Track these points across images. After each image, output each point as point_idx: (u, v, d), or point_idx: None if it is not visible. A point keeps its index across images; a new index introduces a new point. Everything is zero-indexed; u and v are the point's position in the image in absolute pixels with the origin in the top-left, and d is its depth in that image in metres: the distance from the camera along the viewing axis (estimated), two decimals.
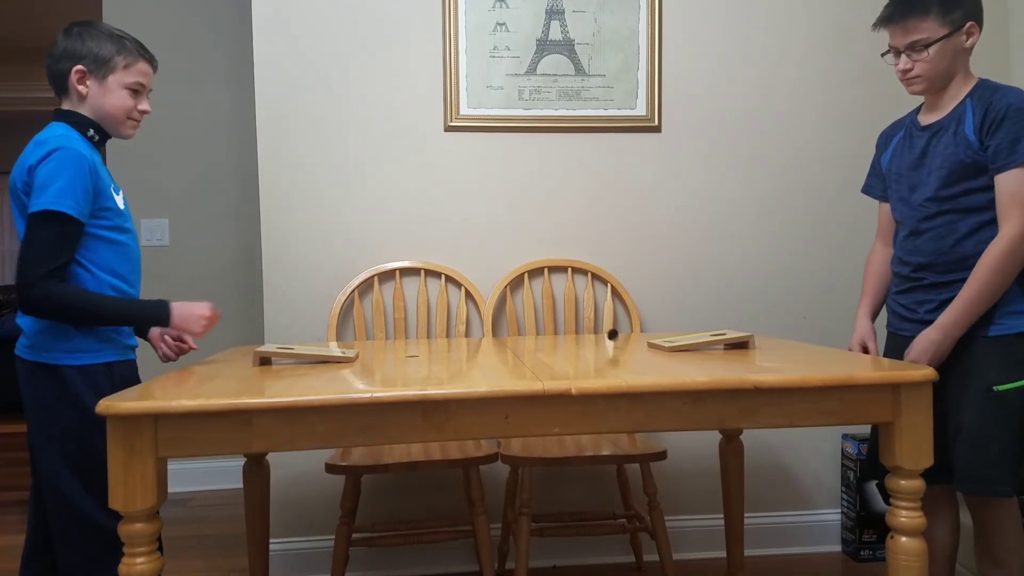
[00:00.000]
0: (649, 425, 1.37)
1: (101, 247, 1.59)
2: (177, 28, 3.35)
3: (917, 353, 1.65)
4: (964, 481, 1.65)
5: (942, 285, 1.70)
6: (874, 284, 1.93)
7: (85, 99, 1.61)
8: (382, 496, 2.44)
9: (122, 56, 1.62)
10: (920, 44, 1.65)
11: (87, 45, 1.60)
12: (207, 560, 2.61)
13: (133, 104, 1.65)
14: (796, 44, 2.54)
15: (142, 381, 1.57)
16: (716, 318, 2.55)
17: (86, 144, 1.59)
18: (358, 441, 1.30)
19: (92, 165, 1.55)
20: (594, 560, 2.50)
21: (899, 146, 1.82)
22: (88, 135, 1.62)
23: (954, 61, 1.67)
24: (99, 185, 1.57)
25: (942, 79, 1.69)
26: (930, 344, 1.63)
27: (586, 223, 2.50)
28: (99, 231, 1.58)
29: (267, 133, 2.37)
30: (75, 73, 1.59)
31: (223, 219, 3.41)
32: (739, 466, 2.16)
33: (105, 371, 1.59)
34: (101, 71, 1.61)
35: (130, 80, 1.64)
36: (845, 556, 2.55)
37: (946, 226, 1.68)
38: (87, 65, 1.60)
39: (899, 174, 1.80)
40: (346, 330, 2.41)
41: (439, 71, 2.42)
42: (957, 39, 1.65)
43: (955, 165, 1.65)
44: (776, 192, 2.56)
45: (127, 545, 1.25)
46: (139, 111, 1.67)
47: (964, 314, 1.61)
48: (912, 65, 1.68)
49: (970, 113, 1.65)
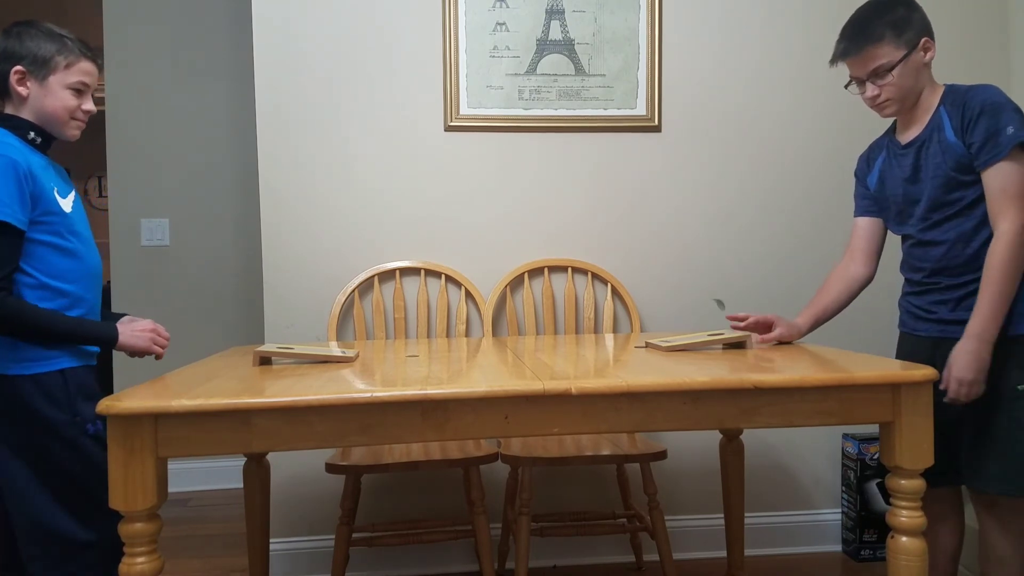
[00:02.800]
0: (649, 425, 1.37)
1: (46, 253, 1.53)
2: (177, 28, 3.34)
3: (960, 368, 1.61)
4: (991, 482, 1.64)
5: (958, 286, 1.70)
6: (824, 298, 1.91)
7: (26, 101, 1.57)
8: (382, 496, 2.44)
9: (63, 55, 1.58)
10: (882, 69, 1.67)
11: (26, 45, 1.56)
12: (207, 560, 2.61)
13: (77, 104, 1.60)
14: (795, 44, 2.54)
15: (115, 388, 1.55)
16: (716, 318, 2.55)
17: (24, 147, 1.54)
18: (358, 441, 1.30)
19: (27, 169, 1.48)
20: (594, 560, 2.50)
21: (885, 166, 1.82)
22: (29, 138, 1.57)
23: (918, 77, 1.69)
24: (36, 190, 1.50)
25: (911, 97, 1.71)
26: (967, 355, 1.60)
27: (586, 223, 2.50)
28: (41, 236, 1.52)
29: (267, 133, 2.37)
30: (15, 74, 1.55)
31: (223, 219, 3.41)
32: (739, 466, 2.16)
33: (59, 378, 1.53)
34: (41, 71, 1.56)
35: (72, 80, 1.59)
36: (845, 556, 2.55)
37: (953, 230, 1.69)
38: (26, 66, 1.55)
39: (895, 193, 1.80)
40: (346, 330, 2.41)
41: (439, 71, 2.42)
42: (915, 57, 1.67)
43: (947, 172, 1.66)
44: (776, 192, 2.56)
45: (127, 545, 1.25)
46: (83, 111, 1.62)
47: (990, 318, 1.60)
48: (879, 91, 1.70)
49: (946, 118, 1.66)
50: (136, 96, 3.32)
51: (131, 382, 1.54)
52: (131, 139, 3.32)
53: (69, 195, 1.62)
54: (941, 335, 1.73)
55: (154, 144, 3.35)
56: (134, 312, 1.83)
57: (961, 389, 1.60)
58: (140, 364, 1.69)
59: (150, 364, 1.75)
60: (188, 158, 3.38)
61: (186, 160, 3.38)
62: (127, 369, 3.21)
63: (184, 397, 1.24)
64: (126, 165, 3.33)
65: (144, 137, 3.33)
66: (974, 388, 1.60)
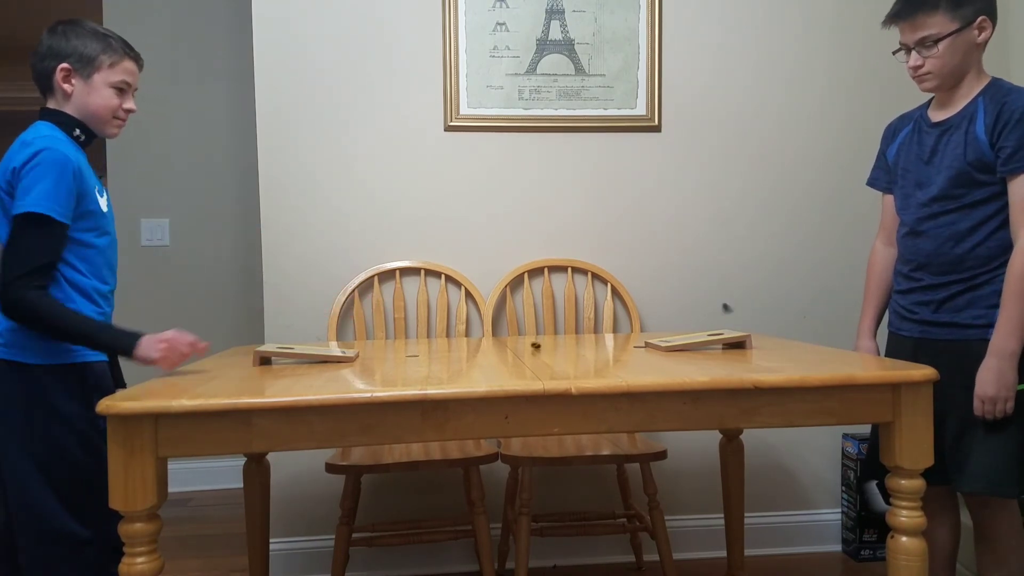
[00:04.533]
0: (649, 425, 1.37)
1: (82, 251, 1.57)
2: (177, 28, 3.34)
3: (982, 385, 1.59)
4: (971, 481, 1.64)
5: (939, 286, 1.69)
6: (876, 294, 1.90)
7: (70, 98, 1.60)
8: (382, 496, 2.44)
9: (107, 54, 1.61)
10: (929, 40, 1.62)
11: (72, 43, 1.58)
12: (207, 560, 2.61)
13: (119, 103, 1.64)
14: (795, 44, 2.54)
15: (127, 385, 1.55)
16: (716, 318, 2.55)
17: (72, 145, 1.58)
18: (358, 441, 1.30)
19: (77, 167, 1.53)
20: (594, 560, 2.50)
21: (906, 140, 1.79)
22: (74, 135, 1.60)
23: (966, 57, 1.64)
24: (83, 188, 1.55)
25: (954, 76, 1.66)
26: (988, 371, 1.59)
27: (586, 223, 2.50)
28: (78, 234, 1.56)
29: (267, 133, 2.37)
30: (60, 71, 1.58)
31: (223, 219, 3.41)
32: (739, 466, 2.16)
33: (80, 372, 1.56)
34: (86, 69, 1.59)
35: (116, 78, 1.62)
36: (845, 556, 2.55)
37: (947, 226, 1.67)
38: (72, 63, 1.58)
39: (906, 169, 1.77)
40: (346, 330, 2.41)
41: (439, 71, 2.42)
42: (968, 34, 1.62)
43: (964, 165, 1.63)
44: (776, 191, 2.56)
45: (127, 545, 1.25)
46: (124, 110, 1.66)
47: (1010, 332, 1.57)
48: (922, 62, 1.64)
49: (982, 112, 1.62)
50: (136, 96, 3.31)
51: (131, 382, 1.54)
52: (131, 139, 3.32)
53: (104, 194, 1.66)
54: (922, 336, 1.73)
55: (154, 144, 3.35)
56: (134, 312, 1.84)
57: (986, 406, 1.59)
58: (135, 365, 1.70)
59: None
60: (188, 158, 3.38)
61: (186, 160, 3.38)
62: (128, 368, 3.21)
63: (184, 397, 1.24)
64: (126, 165, 3.33)
65: (144, 137, 3.33)
66: (999, 405, 1.58)
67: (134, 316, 3.29)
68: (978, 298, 1.65)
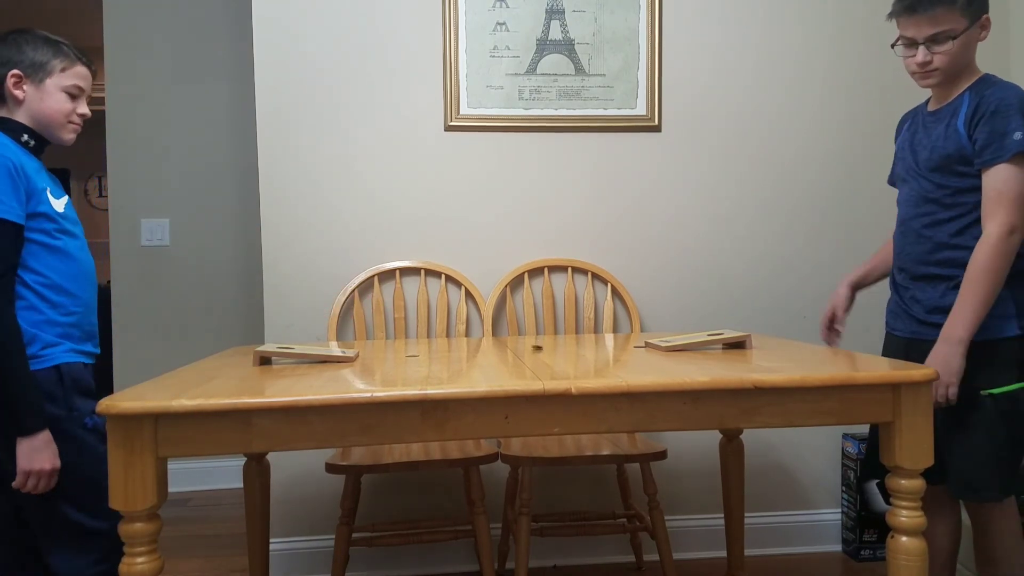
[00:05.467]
0: (649, 425, 1.37)
1: (39, 252, 1.55)
2: (177, 28, 3.34)
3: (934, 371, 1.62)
4: (954, 486, 1.67)
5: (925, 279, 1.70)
6: (876, 258, 1.93)
7: (22, 104, 1.59)
8: (382, 496, 2.44)
9: (59, 59, 1.61)
10: (943, 36, 1.61)
11: (23, 51, 1.59)
12: (207, 560, 2.61)
13: (72, 107, 1.64)
14: (796, 44, 2.54)
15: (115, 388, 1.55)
16: (716, 318, 2.55)
17: (17, 149, 1.56)
18: (358, 441, 1.30)
19: (19, 166, 1.50)
20: (594, 560, 2.50)
21: (907, 132, 1.83)
22: (22, 140, 1.59)
23: (969, 54, 1.65)
24: (29, 187, 1.52)
25: (957, 72, 1.66)
26: (937, 357, 1.60)
27: (586, 223, 2.50)
28: (34, 235, 1.53)
29: (267, 133, 2.37)
30: (11, 78, 1.58)
31: (223, 219, 3.41)
32: (739, 466, 2.16)
33: (54, 374, 1.54)
34: (38, 75, 1.59)
35: (68, 83, 1.62)
36: (845, 556, 2.55)
37: (928, 216, 1.69)
38: (23, 69, 1.58)
39: (899, 158, 1.82)
40: (346, 330, 2.41)
41: (439, 71, 2.42)
42: (974, 32, 1.63)
43: (943, 157, 1.65)
44: (776, 191, 2.56)
45: (127, 545, 1.25)
46: (78, 114, 1.65)
47: (965, 320, 1.58)
48: (931, 58, 1.63)
49: (965, 105, 1.64)
50: (136, 96, 3.32)
51: (131, 382, 1.54)
52: (131, 139, 3.32)
53: (62, 198, 1.64)
54: (913, 336, 1.74)
55: (154, 144, 3.35)
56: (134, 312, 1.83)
57: (936, 391, 1.60)
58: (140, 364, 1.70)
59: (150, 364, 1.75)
60: (188, 158, 3.38)
61: (186, 160, 3.38)
62: (127, 369, 3.22)
63: (184, 397, 1.24)
64: (126, 165, 3.33)
65: (144, 137, 3.33)
66: (941, 390, 1.59)
67: (134, 316, 3.29)
68: None
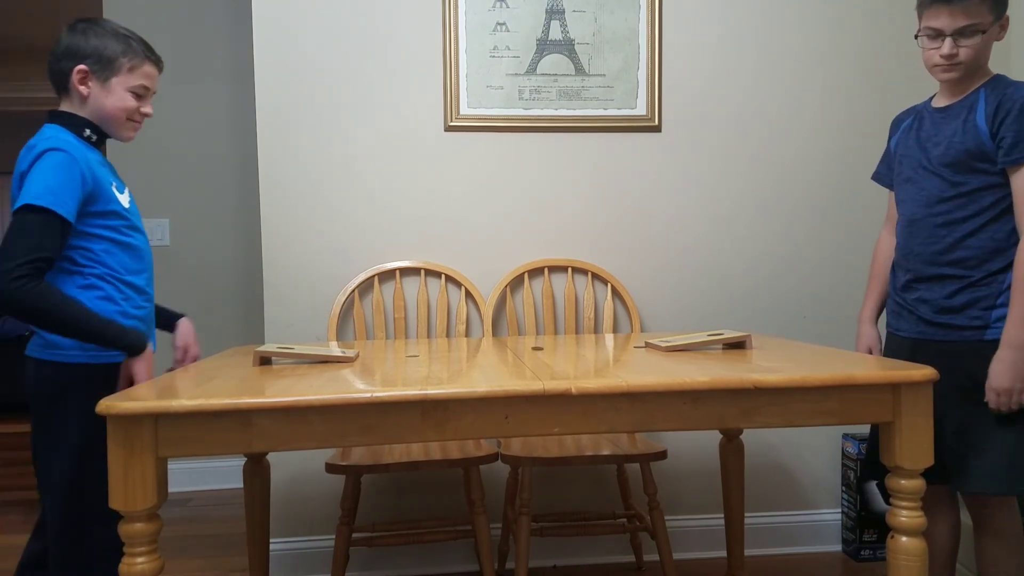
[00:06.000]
0: (649, 425, 1.37)
1: (109, 248, 1.55)
2: (177, 27, 3.35)
3: (996, 378, 1.59)
4: (971, 482, 1.65)
5: (934, 279, 1.69)
6: (879, 281, 1.92)
7: (86, 100, 1.57)
8: (382, 496, 2.44)
9: (127, 57, 1.58)
10: (972, 29, 1.61)
11: (91, 43, 1.55)
12: (207, 560, 2.61)
13: (136, 106, 1.61)
14: (795, 44, 2.54)
15: None
16: (716, 318, 2.55)
17: (81, 144, 1.54)
18: (358, 441, 1.30)
19: (85, 165, 1.49)
20: (594, 560, 2.50)
21: (908, 129, 1.81)
22: (84, 135, 1.57)
23: (988, 51, 1.65)
24: (96, 188, 1.52)
25: (976, 68, 1.66)
26: (1000, 363, 1.58)
27: (586, 223, 2.50)
28: (103, 232, 1.54)
29: (267, 133, 2.37)
30: (77, 73, 1.54)
31: (223, 219, 3.41)
32: (739, 466, 2.16)
33: (110, 372, 1.55)
34: (104, 72, 1.56)
35: (134, 83, 1.59)
36: (845, 556, 2.55)
37: (942, 214, 1.67)
38: (90, 65, 1.55)
39: (905, 155, 1.79)
40: (346, 330, 2.41)
41: (439, 71, 2.42)
42: (995, 29, 1.64)
43: (961, 154, 1.64)
44: (776, 191, 2.56)
45: (127, 545, 1.25)
46: (141, 113, 1.63)
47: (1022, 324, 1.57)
48: (957, 51, 1.63)
49: (983, 101, 1.63)
50: None
51: None
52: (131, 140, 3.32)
53: (125, 191, 1.64)
54: (919, 336, 1.74)
55: (154, 144, 3.35)
56: None
57: (1001, 399, 1.58)
58: None
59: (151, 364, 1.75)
60: (188, 158, 3.38)
61: (186, 160, 3.38)
62: None
63: (184, 397, 1.24)
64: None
65: (144, 137, 3.33)
66: (1015, 396, 1.57)
67: None
68: (976, 299, 1.65)
